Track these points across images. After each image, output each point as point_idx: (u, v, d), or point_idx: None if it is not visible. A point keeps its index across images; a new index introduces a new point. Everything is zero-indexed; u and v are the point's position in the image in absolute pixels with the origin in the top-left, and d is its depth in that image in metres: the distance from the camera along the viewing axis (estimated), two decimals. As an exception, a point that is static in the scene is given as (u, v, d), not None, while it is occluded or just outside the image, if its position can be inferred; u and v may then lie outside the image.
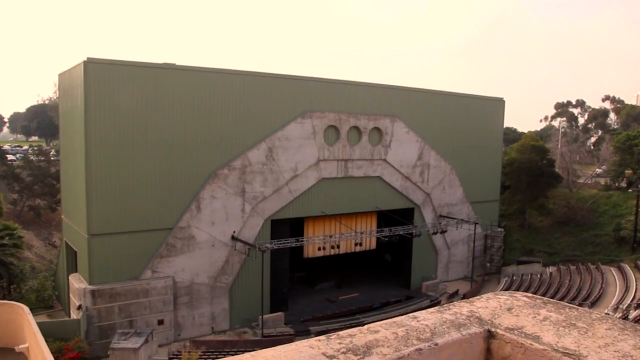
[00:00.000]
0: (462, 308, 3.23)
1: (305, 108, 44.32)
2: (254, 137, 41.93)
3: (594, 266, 55.16)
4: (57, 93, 50.01)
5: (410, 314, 3.06)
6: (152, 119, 36.95)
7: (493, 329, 2.94)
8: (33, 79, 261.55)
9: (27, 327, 19.28)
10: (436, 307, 3.23)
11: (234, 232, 41.50)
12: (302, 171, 44.72)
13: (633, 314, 40.31)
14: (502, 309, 3.24)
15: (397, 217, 50.78)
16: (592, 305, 43.91)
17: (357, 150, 48.09)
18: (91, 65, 34.01)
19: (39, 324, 30.44)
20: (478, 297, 3.47)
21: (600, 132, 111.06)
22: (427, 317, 3.01)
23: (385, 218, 51.46)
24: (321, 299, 50.47)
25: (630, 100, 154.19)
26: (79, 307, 35.26)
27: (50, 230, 58.74)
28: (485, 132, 59.20)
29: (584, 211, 64.81)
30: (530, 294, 3.54)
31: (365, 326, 2.87)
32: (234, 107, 40.46)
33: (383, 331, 2.76)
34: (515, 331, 2.91)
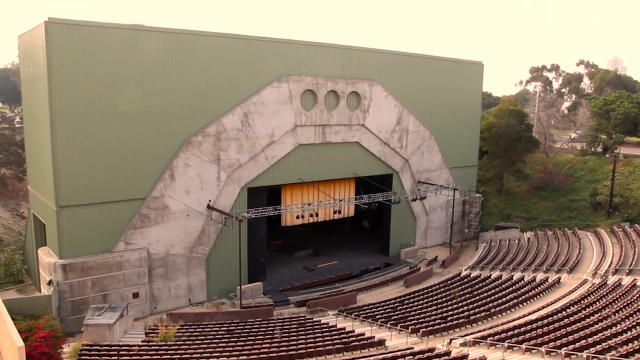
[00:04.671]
0: None
1: (282, 72, 42.71)
2: (229, 102, 40.33)
3: (570, 231, 55.45)
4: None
5: None
6: (121, 84, 34.98)
7: None
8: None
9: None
10: None
11: (210, 201, 40.23)
12: (278, 137, 43.41)
13: (611, 279, 40.42)
14: None
15: (375, 184, 50.03)
16: (571, 271, 43.97)
17: (335, 115, 46.82)
18: (53, 26, 31.71)
19: (8, 301, 29.15)
20: None
21: (574, 97, 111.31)
22: None
23: (364, 184, 50.68)
24: (299, 267, 49.83)
25: (604, 64, 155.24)
26: (50, 283, 33.82)
27: (18, 201, 56.72)
28: (463, 96, 58.40)
29: (561, 176, 64.98)
30: None
31: None
32: (208, 71, 38.67)
33: None
34: None
